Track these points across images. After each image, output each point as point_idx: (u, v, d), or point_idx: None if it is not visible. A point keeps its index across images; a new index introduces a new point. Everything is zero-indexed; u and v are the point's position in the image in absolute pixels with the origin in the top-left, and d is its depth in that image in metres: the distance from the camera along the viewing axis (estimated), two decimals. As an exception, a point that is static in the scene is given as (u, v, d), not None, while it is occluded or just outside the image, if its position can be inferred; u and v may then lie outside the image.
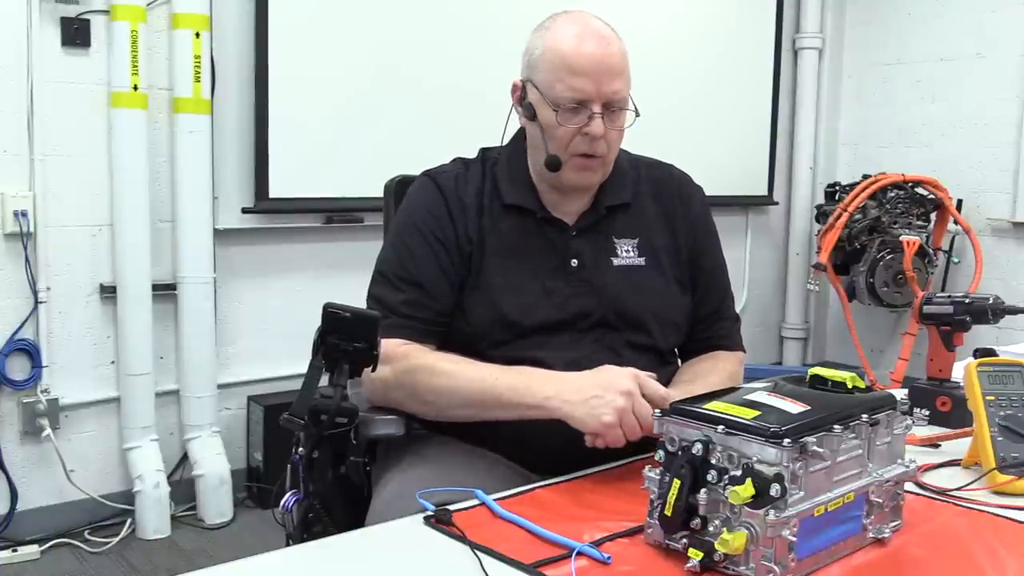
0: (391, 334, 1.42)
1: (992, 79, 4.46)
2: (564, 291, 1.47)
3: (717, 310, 1.61)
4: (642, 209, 1.56)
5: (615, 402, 1.26)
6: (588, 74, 1.40)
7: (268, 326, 3.49)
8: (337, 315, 1.24)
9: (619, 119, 1.45)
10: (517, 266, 1.48)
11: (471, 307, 1.47)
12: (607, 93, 1.41)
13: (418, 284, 1.46)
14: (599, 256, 1.51)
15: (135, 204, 3.08)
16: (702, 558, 0.97)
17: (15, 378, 2.99)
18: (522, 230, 1.50)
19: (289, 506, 1.28)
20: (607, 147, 1.45)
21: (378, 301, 1.48)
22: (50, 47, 2.97)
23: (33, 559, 2.91)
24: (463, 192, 1.51)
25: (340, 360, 1.25)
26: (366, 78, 3.50)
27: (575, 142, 1.44)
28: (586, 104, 1.42)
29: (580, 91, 1.41)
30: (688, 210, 1.59)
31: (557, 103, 1.42)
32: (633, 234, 1.53)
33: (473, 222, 1.49)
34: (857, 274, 4.46)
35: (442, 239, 1.48)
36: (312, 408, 1.23)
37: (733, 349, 1.61)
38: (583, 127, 1.42)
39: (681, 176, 1.63)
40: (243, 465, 3.45)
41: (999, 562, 1.06)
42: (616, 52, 1.44)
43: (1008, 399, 1.34)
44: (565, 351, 1.45)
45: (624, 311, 1.49)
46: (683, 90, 4.41)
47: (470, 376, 1.37)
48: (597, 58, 1.41)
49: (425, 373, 1.40)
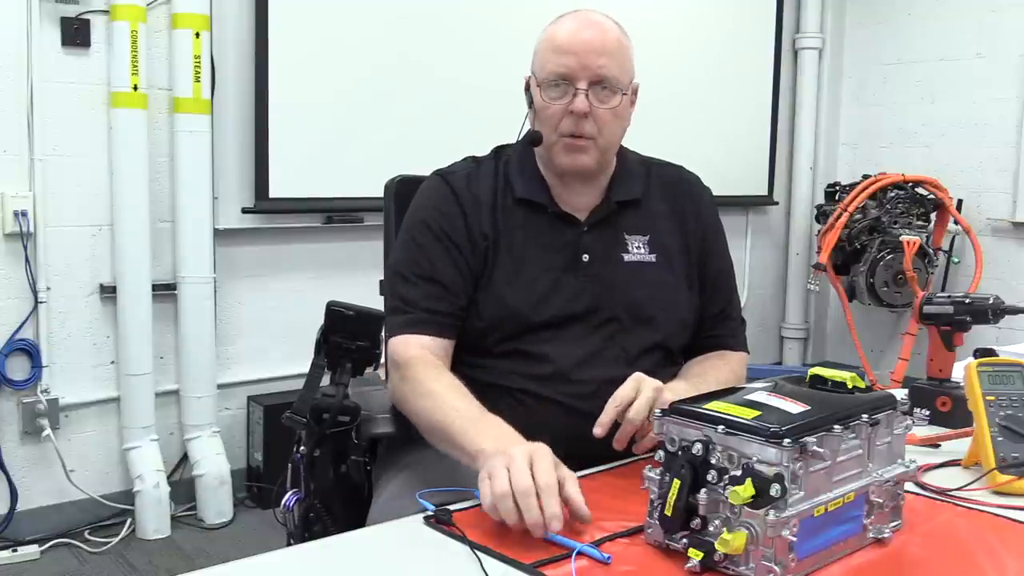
0: (413, 329, 1.43)
1: (992, 79, 4.46)
2: (574, 286, 1.48)
3: (723, 310, 1.61)
4: (652, 207, 1.56)
5: (501, 480, 1.08)
6: (573, 51, 1.42)
7: (268, 326, 3.49)
8: (341, 313, 1.24)
9: (609, 100, 1.44)
10: (528, 261, 1.48)
11: (483, 302, 1.47)
12: (592, 68, 1.42)
13: (434, 279, 1.46)
14: (610, 252, 1.51)
15: (135, 204, 3.08)
16: (702, 558, 0.97)
17: (15, 378, 2.99)
18: (534, 225, 1.50)
19: (290, 505, 1.29)
20: (596, 128, 1.44)
21: (398, 298, 1.47)
22: (50, 47, 2.97)
23: (33, 559, 2.91)
24: (476, 189, 1.51)
25: (342, 359, 1.25)
26: (366, 78, 3.50)
27: (563, 123, 1.44)
28: (571, 81, 1.42)
29: (564, 67, 1.42)
30: (698, 210, 1.59)
31: (544, 81, 1.44)
32: (644, 231, 1.53)
33: (487, 219, 1.49)
34: (857, 274, 4.46)
35: (453, 237, 1.48)
36: (314, 406, 1.23)
37: (737, 349, 1.61)
38: (569, 105, 1.43)
39: (691, 177, 1.64)
40: (243, 465, 3.45)
41: (999, 562, 1.06)
42: (607, 33, 1.45)
43: (1008, 399, 1.34)
44: (572, 346, 1.45)
45: (633, 307, 1.49)
46: (683, 90, 4.41)
47: (440, 403, 1.31)
48: (584, 38, 1.43)
49: (412, 390, 1.37)
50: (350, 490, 1.39)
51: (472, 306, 1.47)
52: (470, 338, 1.47)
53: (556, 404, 1.43)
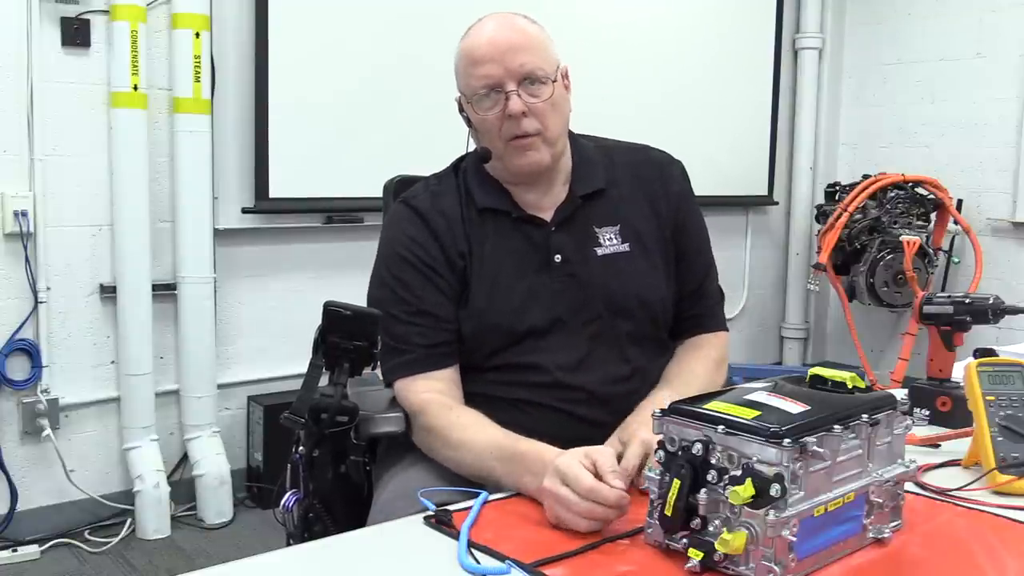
0: (415, 370, 1.42)
1: (992, 79, 4.46)
2: (550, 288, 1.45)
3: (700, 286, 1.57)
4: (620, 194, 1.52)
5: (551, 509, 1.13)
6: (491, 58, 1.40)
7: (268, 326, 3.49)
8: (338, 313, 1.24)
9: (541, 92, 1.42)
10: (501, 271, 1.46)
11: (463, 319, 1.45)
12: (514, 68, 1.40)
13: (424, 312, 1.44)
14: (582, 248, 1.48)
15: (135, 204, 3.08)
16: (702, 558, 0.97)
17: (15, 378, 2.99)
18: (501, 233, 1.48)
19: (290, 505, 1.29)
20: (538, 123, 1.42)
21: (391, 336, 1.43)
22: (50, 47, 2.97)
23: (33, 559, 2.91)
24: (441, 207, 1.48)
25: (341, 359, 1.25)
26: (366, 78, 3.50)
27: (504, 128, 1.42)
28: (499, 87, 1.41)
29: (487, 76, 1.41)
30: (667, 187, 1.54)
31: (473, 96, 1.43)
32: (613, 221, 1.50)
33: (460, 234, 1.47)
34: (857, 274, 4.46)
35: (431, 263, 1.45)
36: (313, 406, 1.23)
37: (716, 329, 1.58)
38: (504, 110, 1.41)
39: (659, 155, 1.59)
40: (243, 465, 3.45)
41: (999, 562, 1.06)
42: (518, 30, 1.43)
43: (1008, 399, 1.34)
44: (562, 353, 1.43)
45: (614, 302, 1.46)
46: (683, 90, 4.41)
47: (475, 454, 1.32)
48: (494, 41, 1.41)
49: (438, 440, 1.38)
50: (350, 490, 1.39)
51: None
52: (460, 355, 1.46)
53: (554, 411, 1.42)
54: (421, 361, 1.43)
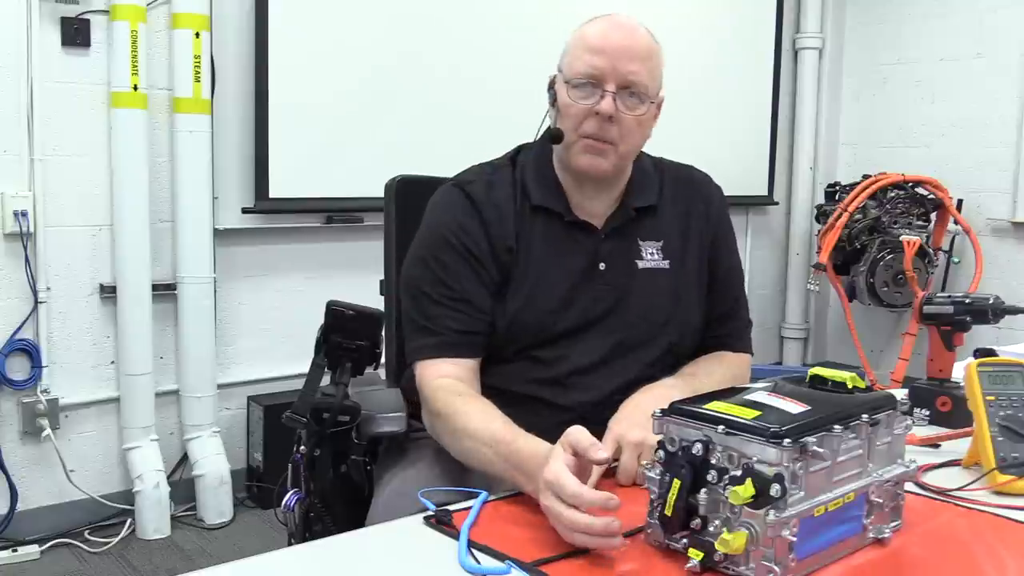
0: (443, 353, 1.41)
1: (992, 79, 4.46)
2: (590, 295, 1.46)
3: (729, 310, 1.60)
4: (666, 211, 1.54)
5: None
6: (605, 52, 1.40)
7: (268, 326, 3.49)
8: (341, 313, 1.24)
9: (636, 107, 1.42)
10: (546, 270, 1.46)
11: (502, 312, 1.45)
12: (623, 73, 1.40)
13: (463, 299, 1.43)
14: (626, 259, 1.49)
15: (135, 204, 3.08)
16: (702, 558, 0.97)
17: (15, 378, 2.99)
18: (550, 233, 1.48)
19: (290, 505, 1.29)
20: (619, 134, 1.42)
21: (424, 317, 1.42)
22: (50, 47, 2.97)
23: (33, 559, 2.91)
24: (496, 198, 1.48)
25: (342, 358, 1.25)
26: (366, 78, 3.49)
27: (586, 123, 1.41)
28: (600, 83, 1.40)
29: (595, 67, 1.40)
30: (708, 210, 1.58)
31: (572, 79, 1.42)
32: (658, 237, 1.52)
33: (509, 228, 1.46)
34: (857, 274, 4.46)
35: (476, 252, 1.44)
36: (314, 406, 1.23)
37: (739, 350, 1.61)
38: (594, 106, 1.40)
39: (702, 177, 1.63)
40: (243, 465, 3.45)
41: (999, 562, 1.06)
42: (640, 39, 1.43)
43: (1008, 399, 1.34)
44: (586, 354, 1.44)
45: (647, 315, 1.48)
46: (683, 90, 4.37)
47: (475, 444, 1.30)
48: (616, 39, 1.41)
49: (442, 425, 1.37)
50: (350, 490, 1.39)
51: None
52: (490, 346, 1.46)
53: (567, 411, 1.42)
54: (450, 345, 1.42)
